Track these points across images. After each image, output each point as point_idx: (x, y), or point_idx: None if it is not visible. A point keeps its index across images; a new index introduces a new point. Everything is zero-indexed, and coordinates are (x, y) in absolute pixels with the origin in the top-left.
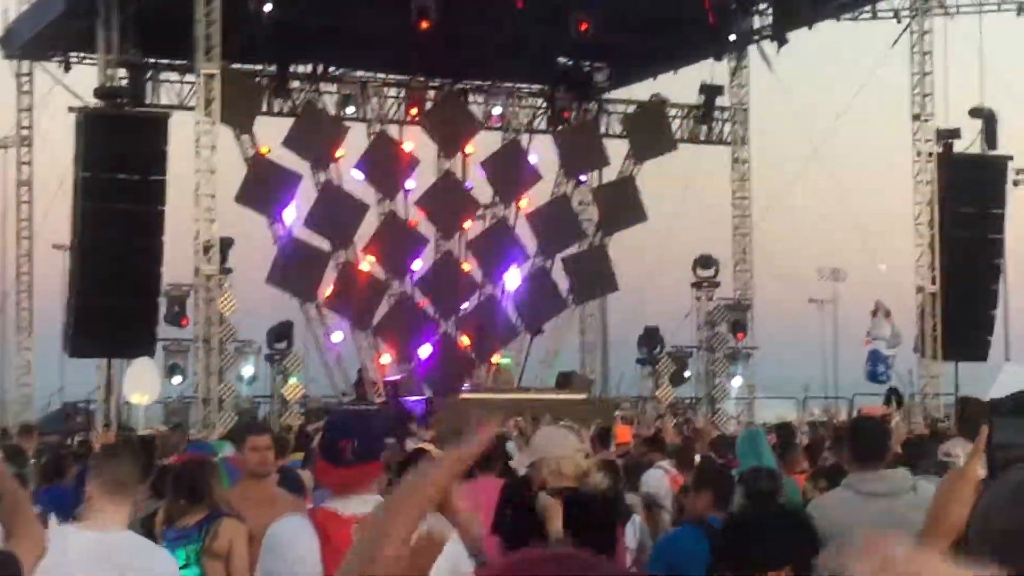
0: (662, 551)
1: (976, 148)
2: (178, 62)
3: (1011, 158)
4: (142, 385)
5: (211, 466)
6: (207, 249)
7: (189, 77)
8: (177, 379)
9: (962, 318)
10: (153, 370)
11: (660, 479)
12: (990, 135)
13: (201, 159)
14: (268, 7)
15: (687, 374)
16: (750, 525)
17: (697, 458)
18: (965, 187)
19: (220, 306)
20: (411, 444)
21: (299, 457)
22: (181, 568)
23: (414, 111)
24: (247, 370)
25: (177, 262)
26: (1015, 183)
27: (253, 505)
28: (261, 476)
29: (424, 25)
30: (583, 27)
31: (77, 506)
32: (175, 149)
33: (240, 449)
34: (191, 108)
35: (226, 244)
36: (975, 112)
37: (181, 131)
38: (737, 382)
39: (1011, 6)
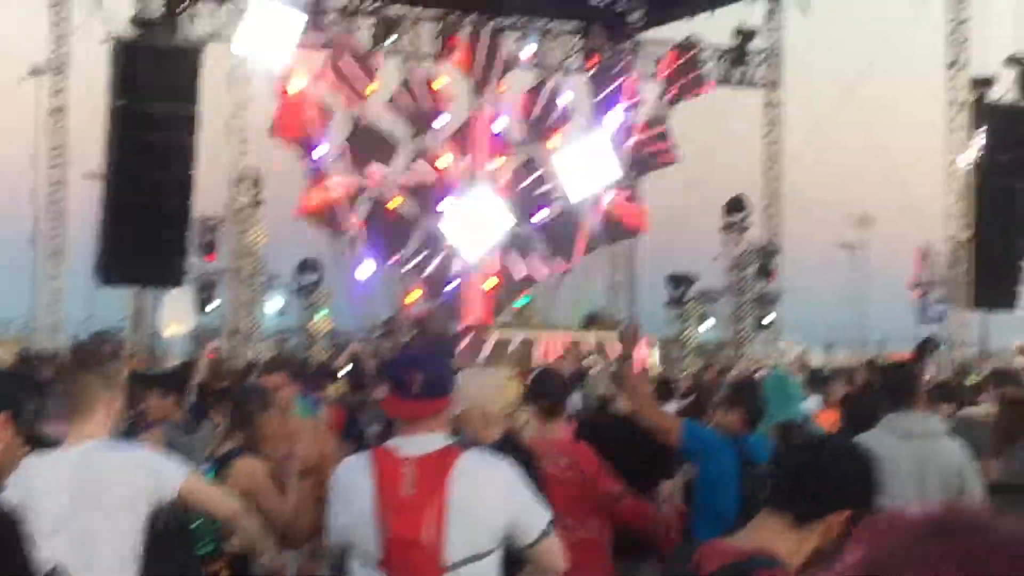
0: (697, 434)
1: (1011, 97)
2: None
3: None
4: (178, 315)
5: (258, 393)
6: (239, 181)
7: (226, 7)
8: (212, 305)
9: (992, 267)
10: (189, 301)
11: None
12: None
13: (235, 91)
14: None
15: (711, 321)
16: (812, 462)
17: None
18: (999, 136)
19: (251, 238)
20: None
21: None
22: None
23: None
24: (274, 303)
25: (208, 194)
26: None
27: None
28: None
29: None
30: None
31: None
32: (209, 80)
33: None
34: (226, 39)
35: (258, 177)
36: (1011, 61)
37: (215, 62)
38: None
39: None
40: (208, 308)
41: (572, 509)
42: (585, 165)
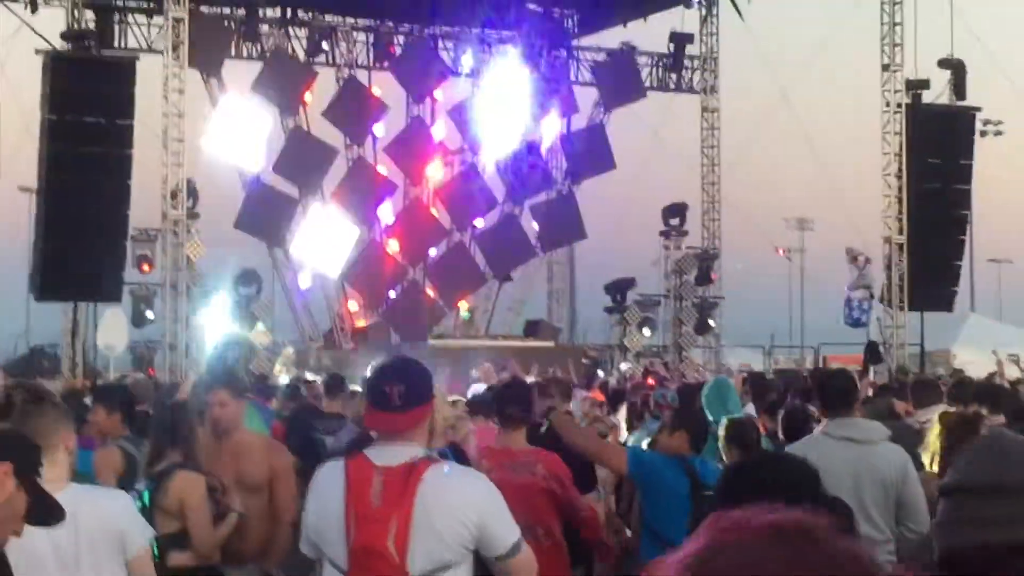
0: (642, 459)
1: (945, 99)
2: (146, 5)
3: (979, 109)
4: (113, 336)
5: (188, 407)
6: (174, 194)
7: (157, 20)
8: (150, 314)
9: (928, 269)
10: (122, 321)
11: None
12: (959, 86)
13: (169, 103)
14: None
15: (646, 332)
16: (762, 471)
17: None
18: (933, 138)
19: (187, 251)
20: None
21: None
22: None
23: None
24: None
25: (144, 206)
26: (982, 134)
27: (221, 457)
28: (222, 432)
29: None
30: None
31: None
32: (142, 93)
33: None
34: (159, 51)
35: (193, 189)
36: (944, 63)
37: (149, 75)
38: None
39: None
40: (145, 322)
41: (546, 517)
42: (524, 171)
